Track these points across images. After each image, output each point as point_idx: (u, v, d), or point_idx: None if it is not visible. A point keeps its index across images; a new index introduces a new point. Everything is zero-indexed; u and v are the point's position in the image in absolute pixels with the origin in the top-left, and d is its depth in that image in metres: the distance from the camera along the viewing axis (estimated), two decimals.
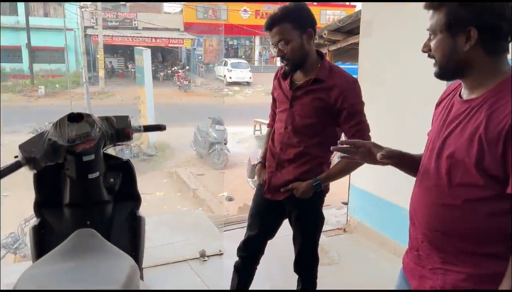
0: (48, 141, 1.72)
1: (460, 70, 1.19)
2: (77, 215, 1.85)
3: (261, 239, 2.19)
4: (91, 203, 1.88)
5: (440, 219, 1.25)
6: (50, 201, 1.89)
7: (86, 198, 1.86)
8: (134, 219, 2.05)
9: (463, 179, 1.18)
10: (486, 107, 1.13)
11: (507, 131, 1.07)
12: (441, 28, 1.18)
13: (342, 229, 3.72)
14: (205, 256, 3.15)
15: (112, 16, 24.80)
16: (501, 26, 1.13)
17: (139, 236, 2.06)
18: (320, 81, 1.92)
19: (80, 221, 1.79)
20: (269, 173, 2.09)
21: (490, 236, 1.16)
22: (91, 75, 21.99)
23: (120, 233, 1.98)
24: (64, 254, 1.47)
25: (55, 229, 1.87)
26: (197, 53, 27.94)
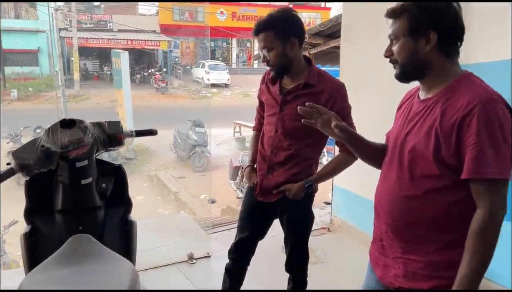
0: (41, 147, 1.73)
1: (420, 70, 1.32)
2: (70, 221, 1.85)
3: (252, 241, 2.23)
4: (84, 209, 1.89)
5: (402, 210, 1.34)
6: (41, 208, 1.89)
7: (79, 203, 1.86)
8: (125, 223, 2.07)
9: (423, 170, 1.29)
10: (440, 104, 1.27)
11: (458, 123, 1.21)
12: (403, 33, 1.31)
13: (326, 229, 3.80)
14: (193, 258, 3.18)
15: (87, 18, 24.37)
16: (456, 31, 1.29)
17: (131, 240, 2.08)
18: (309, 86, 1.98)
19: (73, 227, 1.80)
20: (260, 176, 2.13)
21: (449, 224, 1.26)
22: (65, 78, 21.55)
23: (112, 237, 1.99)
24: (62, 260, 1.48)
25: (46, 236, 1.87)
26: (174, 55, 27.74)
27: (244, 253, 2.25)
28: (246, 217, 2.23)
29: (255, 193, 2.15)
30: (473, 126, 1.19)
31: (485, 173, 1.19)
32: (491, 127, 1.18)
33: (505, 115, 1.21)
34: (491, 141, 1.18)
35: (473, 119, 1.19)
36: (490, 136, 1.18)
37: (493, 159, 1.19)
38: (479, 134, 1.18)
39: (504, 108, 1.21)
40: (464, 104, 1.21)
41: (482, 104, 1.19)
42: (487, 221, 1.19)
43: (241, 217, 2.25)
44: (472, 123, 1.19)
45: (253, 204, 2.18)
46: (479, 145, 1.18)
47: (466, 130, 1.20)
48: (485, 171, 1.19)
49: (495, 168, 1.19)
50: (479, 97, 1.20)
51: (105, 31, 23.85)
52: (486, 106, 1.19)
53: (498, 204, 1.20)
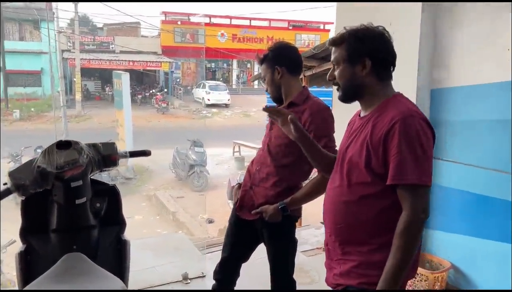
0: (37, 168, 1.78)
1: (358, 92, 1.51)
2: (64, 240, 1.89)
3: (234, 261, 2.26)
4: (78, 228, 1.93)
5: (342, 214, 1.49)
6: (36, 227, 1.92)
7: (73, 223, 1.90)
8: (119, 242, 2.10)
9: (358, 178, 1.45)
10: (372, 120, 1.44)
11: (384, 137, 1.37)
12: (343, 60, 1.49)
13: (321, 249, 3.81)
14: (187, 278, 3.19)
15: (89, 40, 24.76)
16: (388, 58, 1.48)
17: (124, 259, 2.11)
18: (295, 105, 2.09)
19: (67, 246, 1.83)
20: (242, 192, 2.20)
21: (381, 227, 1.41)
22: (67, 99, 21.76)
23: (106, 256, 2.02)
24: (54, 278, 1.52)
25: (41, 255, 1.90)
26: (175, 76, 28.04)
27: (227, 273, 2.27)
28: (230, 236, 2.28)
29: (236, 207, 2.22)
30: (395, 139, 1.35)
31: (405, 179, 1.34)
32: (410, 139, 1.35)
33: (423, 129, 1.37)
34: (410, 151, 1.34)
35: (395, 133, 1.35)
36: (409, 146, 1.34)
37: (412, 167, 1.34)
38: (399, 145, 1.34)
39: (422, 123, 1.38)
40: (388, 120, 1.38)
41: (402, 119, 1.35)
42: (408, 222, 1.33)
43: (226, 235, 2.32)
44: (394, 136, 1.35)
45: (236, 222, 2.24)
46: (400, 155, 1.34)
47: (390, 142, 1.36)
48: (405, 177, 1.34)
49: (414, 174, 1.34)
50: (400, 114, 1.37)
51: (107, 53, 24.21)
52: (405, 121, 1.35)
53: (419, 208, 1.34)
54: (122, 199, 2.15)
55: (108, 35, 26.63)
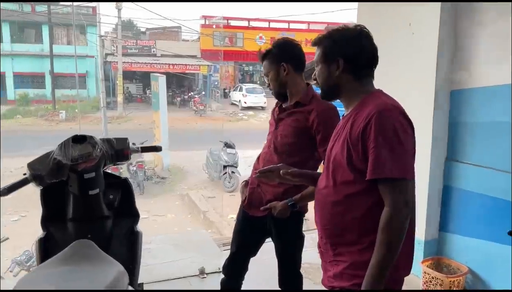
0: (53, 160, 1.91)
1: (335, 91, 1.54)
2: (79, 229, 2.02)
3: (242, 256, 2.31)
4: (92, 218, 2.05)
5: (329, 215, 1.49)
6: (55, 216, 2.07)
7: (87, 213, 2.03)
8: (132, 233, 2.21)
9: (342, 177, 1.45)
10: (351, 118, 1.45)
11: (362, 132, 1.37)
12: (320, 60, 1.54)
13: None
14: (204, 273, 3.27)
15: (132, 44, 25.60)
16: (362, 57, 1.49)
17: (136, 249, 2.22)
18: (301, 105, 2.11)
19: (82, 235, 1.95)
20: (250, 190, 2.23)
21: (369, 225, 1.38)
22: (110, 100, 22.61)
23: (119, 246, 2.14)
24: (62, 261, 1.63)
25: (59, 242, 2.03)
26: (213, 79, 28.49)
27: (236, 268, 2.33)
28: (238, 232, 2.32)
29: (244, 204, 2.26)
30: (372, 133, 1.34)
31: (382, 173, 1.33)
32: (386, 132, 1.34)
33: (400, 122, 1.36)
34: (386, 144, 1.33)
35: (372, 127, 1.34)
36: (385, 140, 1.33)
37: (389, 160, 1.32)
38: (376, 139, 1.33)
39: (399, 116, 1.37)
40: (365, 115, 1.38)
41: (378, 113, 1.35)
42: (390, 217, 1.32)
43: (234, 232, 2.36)
44: (371, 130, 1.35)
45: (244, 219, 2.28)
46: (377, 149, 1.33)
47: (367, 137, 1.35)
48: (383, 171, 1.33)
49: (392, 168, 1.32)
50: (376, 107, 1.37)
51: (148, 56, 24.94)
52: (381, 114, 1.35)
53: (400, 201, 1.32)
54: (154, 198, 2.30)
55: (150, 39, 27.46)
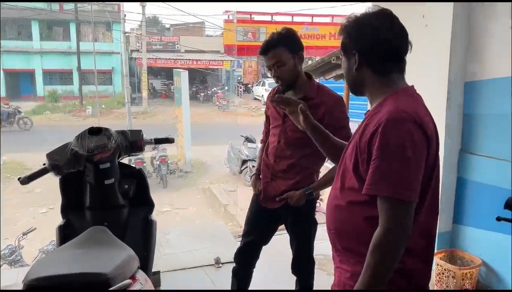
0: (71, 150, 2.03)
1: (358, 87, 1.41)
2: (96, 217, 2.13)
3: (256, 246, 2.38)
4: (108, 207, 2.16)
5: (333, 219, 1.39)
6: (74, 204, 2.18)
7: (104, 201, 2.14)
8: (147, 222, 2.32)
9: (349, 183, 1.33)
10: (366, 120, 1.31)
11: (369, 140, 1.23)
12: (340, 53, 1.42)
13: None
14: (219, 263, 3.36)
15: (156, 40, 25.92)
16: (380, 49, 1.31)
17: (150, 238, 2.32)
18: (309, 99, 2.10)
19: (99, 223, 2.05)
20: (264, 184, 2.27)
21: (368, 238, 1.24)
22: (135, 96, 23.01)
23: (134, 234, 2.24)
24: (76, 244, 1.74)
25: (77, 229, 2.14)
26: (237, 74, 28.60)
27: (248, 257, 2.40)
28: (252, 223, 2.37)
29: (260, 199, 2.30)
30: (376, 143, 1.20)
31: (378, 190, 1.20)
32: (390, 144, 1.19)
33: (410, 134, 1.19)
34: (387, 158, 1.19)
35: (377, 136, 1.20)
36: (387, 153, 1.19)
37: (387, 177, 1.19)
38: (378, 151, 1.20)
39: (410, 127, 1.20)
40: (376, 120, 1.23)
41: (386, 121, 1.20)
42: (379, 239, 1.19)
43: (247, 223, 2.41)
44: (376, 140, 1.21)
45: (258, 210, 2.33)
46: (376, 162, 1.20)
47: (373, 146, 1.22)
48: (379, 188, 1.20)
49: (389, 186, 1.18)
50: (387, 114, 1.21)
51: (173, 52, 25.23)
52: (388, 123, 1.19)
53: (392, 223, 1.18)
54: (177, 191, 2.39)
55: (174, 35, 27.73)
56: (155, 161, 10.73)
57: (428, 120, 1.28)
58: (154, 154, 10.83)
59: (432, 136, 1.27)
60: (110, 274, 1.45)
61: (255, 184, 2.34)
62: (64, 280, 1.42)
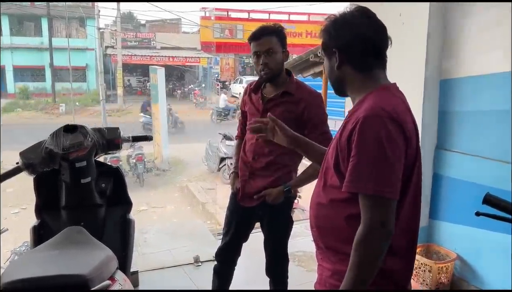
0: (45, 149, 1.96)
1: (339, 86, 1.40)
2: (72, 217, 2.07)
3: (237, 244, 2.36)
4: (85, 206, 2.10)
5: (316, 217, 1.39)
6: (49, 204, 2.12)
7: (80, 201, 2.08)
8: (124, 221, 2.27)
9: (330, 181, 1.33)
10: (346, 118, 1.31)
11: (348, 137, 1.23)
12: (322, 53, 1.42)
13: None
14: (198, 261, 3.34)
15: (132, 36, 25.54)
16: (359, 45, 1.31)
17: (129, 237, 2.27)
18: (289, 94, 2.12)
19: (75, 222, 2.00)
20: (242, 182, 2.25)
21: (350, 236, 1.23)
22: (110, 93, 22.62)
23: (111, 234, 2.19)
24: (52, 245, 1.68)
25: (53, 229, 2.08)
26: (214, 71, 28.46)
27: (230, 255, 2.39)
28: (231, 221, 2.35)
29: (238, 198, 2.28)
30: (354, 141, 1.21)
31: (357, 187, 1.20)
32: (367, 141, 1.19)
33: (387, 130, 1.18)
34: (365, 155, 1.19)
35: (355, 134, 1.20)
36: (365, 150, 1.19)
37: (366, 174, 1.19)
38: (357, 148, 1.20)
39: (387, 123, 1.19)
40: (355, 118, 1.23)
41: (363, 118, 1.20)
42: (363, 237, 1.18)
43: (227, 221, 2.38)
44: (354, 137, 1.21)
45: (237, 209, 2.31)
46: (355, 159, 1.20)
47: (352, 144, 1.22)
48: (357, 185, 1.20)
49: (368, 183, 1.18)
50: (365, 112, 1.21)
51: (148, 49, 24.90)
52: (366, 120, 1.19)
53: (373, 221, 1.18)
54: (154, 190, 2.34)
55: (150, 31, 27.38)
56: (131, 159, 10.56)
57: (407, 117, 1.28)
58: (130, 152, 10.66)
59: (411, 132, 1.27)
60: (89, 275, 1.41)
61: (234, 182, 2.32)
62: (40, 283, 1.38)
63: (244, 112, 2.36)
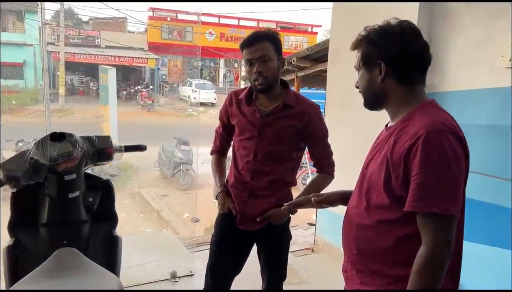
0: (30, 160, 1.73)
1: (379, 100, 1.36)
2: (54, 235, 1.85)
3: (229, 278, 2.16)
4: (69, 223, 1.88)
5: (357, 239, 1.33)
6: (26, 221, 1.87)
7: (65, 217, 1.86)
8: (111, 238, 2.07)
9: (377, 200, 1.28)
10: (396, 133, 1.27)
11: (405, 154, 1.20)
12: (360, 65, 1.37)
13: (310, 249, 3.81)
14: (176, 277, 3.15)
15: (75, 34, 24.37)
16: (408, 59, 1.29)
17: (116, 255, 2.08)
18: (289, 107, 1.96)
19: (57, 241, 1.79)
20: (240, 203, 2.03)
21: (399, 258, 1.22)
22: (50, 92, 21.33)
23: (97, 252, 1.99)
24: (47, 273, 1.47)
25: (30, 249, 1.86)
26: (161, 73, 27.83)
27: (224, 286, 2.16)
28: (223, 249, 2.10)
29: (236, 221, 2.05)
30: (417, 157, 1.16)
31: (424, 207, 1.16)
32: (434, 158, 1.16)
33: (451, 146, 1.17)
34: (432, 173, 1.15)
35: (418, 150, 1.16)
36: (432, 168, 1.16)
37: (434, 192, 1.15)
38: (421, 165, 1.16)
39: (451, 139, 1.18)
40: (412, 134, 1.20)
41: (427, 134, 1.17)
42: (427, 258, 1.15)
43: (217, 250, 2.12)
44: (416, 153, 1.17)
45: (231, 233, 2.07)
46: (420, 177, 1.16)
47: (412, 160, 1.18)
48: (426, 205, 1.16)
49: (435, 201, 1.15)
50: (426, 127, 1.18)
51: (93, 47, 23.87)
52: (430, 136, 1.16)
53: (440, 241, 1.16)
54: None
55: (94, 29, 26.27)
56: None
57: (462, 132, 1.26)
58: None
59: (468, 148, 1.27)
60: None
61: (225, 203, 2.06)
62: None
63: (226, 125, 2.15)
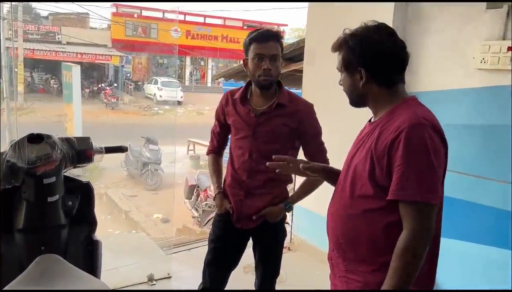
0: (7, 162, 1.66)
1: (362, 101, 1.44)
2: (31, 241, 1.78)
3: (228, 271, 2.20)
4: (47, 228, 1.81)
5: (343, 228, 1.40)
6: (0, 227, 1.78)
7: (43, 222, 1.79)
8: (90, 243, 2.01)
9: (361, 190, 1.35)
10: (379, 127, 1.34)
11: (389, 146, 1.27)
12: (341, 68, 1.43)
13: (287, 248, 3.83)
14: (153, 280, 3.08)
15: (34, 29, 23.46)
16: (387, 63, 1.36)
17: (96, 260, 2.02)
18: (283, 106, 1.99)
19: (35, 247, 1.73)
20: (237, 202, 2.07)
21: (385, 246, 1.29)
22: (10, 90, 20.47)
23: (76, 257, 1.92)
24: (31, 281, 1.41)
25: (5, 256, 1.78)
26: (125, 71, 27.24)
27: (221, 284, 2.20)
28: (222, 247, 2.14)
29: (232, 219, 2.09)
30: (399, 149, 1.24)
31: (405, 195, 1.24)
32: (415, 150, 1.24)
33: (431, 139, 1.25)
34: (414, 163, 1.23)
35: (400, 142, 1.24)
36: (414, 159, 1.23)
37: (415, 182, 1.23)
38: (403, 157, 1.24)
39: (431, 132, 1.25)
40: (395, 127, 1.27)
41: (409, 127, 1.24)
42: (408, 242, 1.22)
43: (212, 248, 2.16)
44: (399, 146, 1.24)
45: (229, 232, 2.12)
46: (402, 167, 1.24)
47: (394, 152, 1.25)
48: (406, 193, 1.24)
49: (416, 190, 1.23)
50: (408, 121, 1.25)
51: (53, 43, 23.06)
52: (412, 129, 1.24)
53: (420, 226, 1.23)
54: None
55: (53, 25, 25.36)
56: None
57: (441, 127, 1.33)
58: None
59: (446, 142, 1.34)
60: None
61: (222, 203, 2.11)
62: None
63: (223, 125, 2.17)
